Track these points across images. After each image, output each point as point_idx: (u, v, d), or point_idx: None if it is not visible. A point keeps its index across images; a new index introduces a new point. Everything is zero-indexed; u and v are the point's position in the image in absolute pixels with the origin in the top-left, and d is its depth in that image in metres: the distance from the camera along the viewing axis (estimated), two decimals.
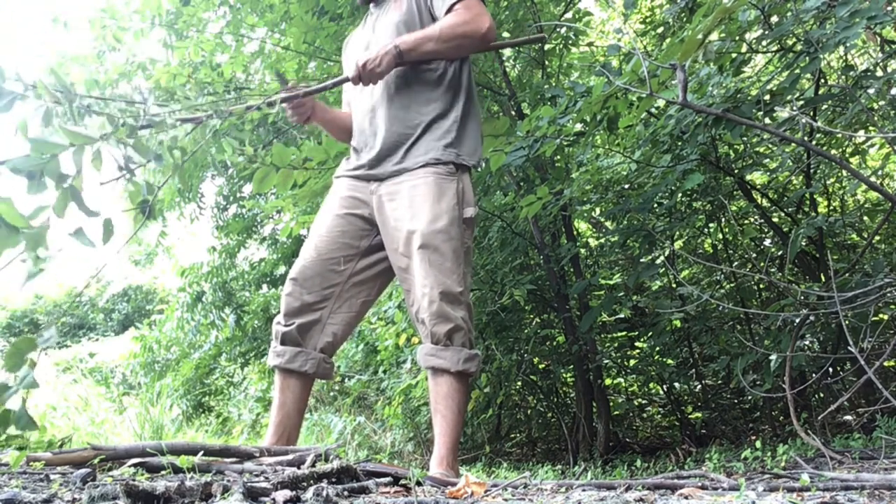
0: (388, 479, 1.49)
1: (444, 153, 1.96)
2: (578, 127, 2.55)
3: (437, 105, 1.99)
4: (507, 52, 4.44)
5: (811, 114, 2.79)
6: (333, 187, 2.14)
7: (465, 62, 2.06)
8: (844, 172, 3.28)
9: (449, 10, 1.94)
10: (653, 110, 3.04)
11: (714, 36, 2.24)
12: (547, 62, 4.23)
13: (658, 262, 3.47)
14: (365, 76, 1.89)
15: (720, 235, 3.67)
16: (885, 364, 3.28)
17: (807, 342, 2.96)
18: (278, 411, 2.01)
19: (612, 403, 4.16)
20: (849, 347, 1.90)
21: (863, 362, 1.81)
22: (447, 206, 1.91)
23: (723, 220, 3.55)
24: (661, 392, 4.34)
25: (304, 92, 1.97)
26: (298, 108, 2.01)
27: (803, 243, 2.73)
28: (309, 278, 1.99)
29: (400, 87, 2.00)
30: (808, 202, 3.30)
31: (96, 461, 1.68)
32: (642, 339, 4.17)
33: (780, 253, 3.39)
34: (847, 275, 2.48)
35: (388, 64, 1.89)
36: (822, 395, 3.29)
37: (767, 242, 3.77)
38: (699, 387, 3.98)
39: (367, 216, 2.03)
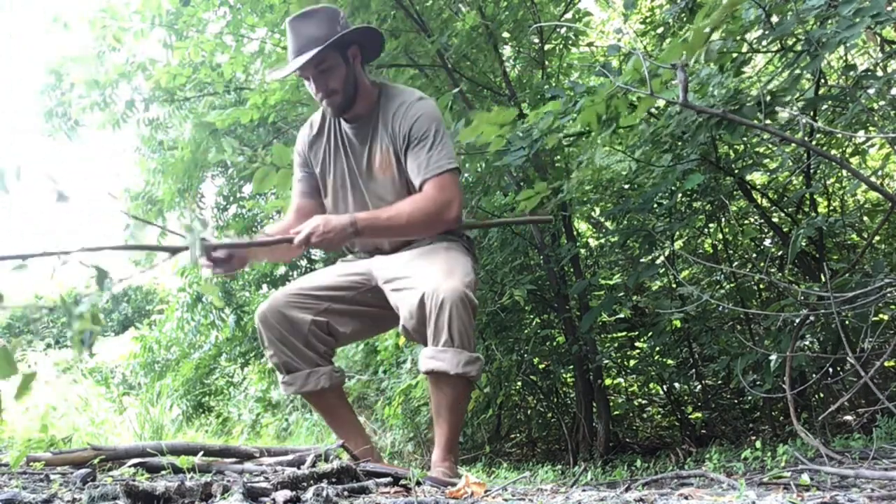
0: (388, 479, 1.50)
1: (451, 235, 2.06)
2: (578, 127, 2.55)
3: None
4: (508, 52, 4.44)
5: (811, 114, 2.78)
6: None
7: None
8: (844, 172, 3.28)
9: (423, 184, 1.93)
10: (653, 110, 3.04)
11: (715, 36, 2.23)
12: (547, 62, 4.23)
13: (658, 262, 3.47)
14: (313, 244, 1.89)
15: (720, 235, 3.67)
16: (886, 364, 3.28)
17: (807, 342, 2.96)
18: (339, 428, 2.12)
19: (612, 403, 4.16)
20: (846, 352, 1.90)
21: (858, 366, 1.81)
22: (463, 258, 1.98)
23: (723, 220, 3.55)
24: (661, 392, 4.34)
25: (244, 244, 1.90)
26: (223, 265, 1.90)
27: (803, 243, 2.73)
28: (274, 322, 2.01)
29: (384, 200, 2.04)
30: (808, 202, 3.30)
31: (96, 461, 1.68)
32: (642, 339, 4.16)
33: (780, 253, 3.38)
34: (847, 275, 2.48)
35: (340, 242, 1.91)
36: (822, 395, 3.29)
37: (767, 242, 3.76)
38: (699, 387, 3.98)
39: (360, 275, 2.08)
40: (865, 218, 3.47)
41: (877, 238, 3.31)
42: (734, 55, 2.55)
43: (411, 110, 1.97)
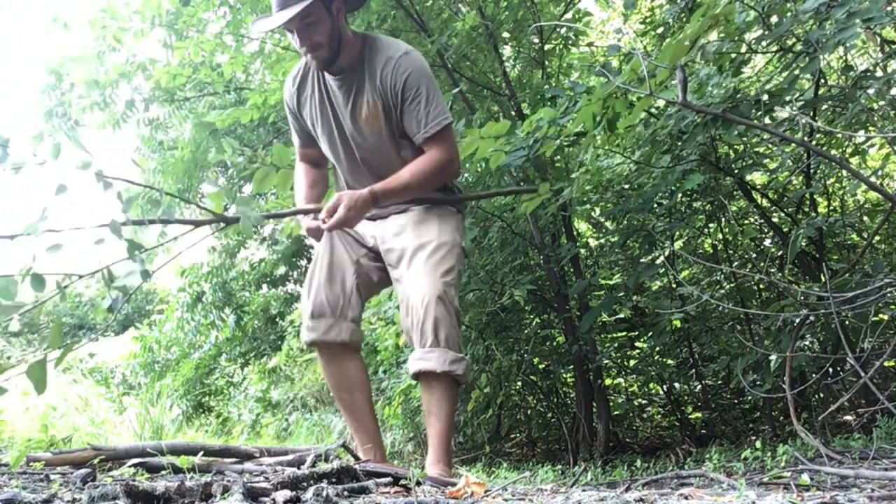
0: (388, 479, 1.50)
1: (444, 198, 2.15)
2: (579, 127, 2.55)
3: None
4: (508, 52, 4.44)
5: (811, 114, 2.78)
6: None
7: None
8: (844, 172, 3.27)
9: (424, 142, 2.00)
10: (652, 110, 3.04)
11: (713, 36, 2.24)
12: (547, 62, 4.23)
13: (658, 262, 3.47)
14: (348, 225, 1.95)
15: (720, 235, 3.67)
16: (886, 364, 3.28)
17: (807, 342, 2.96)
18: (350, 418, 2.14)
19: (612, 403, 4.16)
20: (846, 352, 1.90)
21: (858, 367, 1.81)
22: (450, 228, 2.07)
23: (723, 220, 3.55)
24: (661, 392, 4.34)
25: (288, 213, 2.14)
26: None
27: (803, 243, 2.73)
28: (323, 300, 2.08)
29: (371, 151, 2.09)
30: (808, 202, 3.30)
31: (96, 461, 1.68)
32: (642, 339, 4.16)
33: (780, 253, 3.38)
34: (847, 275, 2.48)
35: (363, 213, 1.96)
36: (822, 395, 3.29)
37: (767, 242, 3.76)
38: (699, 387, 3.98)
39: (366, 245, 2.16)
40: (865, 218, 3.46)
41: (877, 238, 3.30)
42: (733, 56, 2.55)
43: (401, 66, 1.98)
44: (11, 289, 1.35)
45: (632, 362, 4.29)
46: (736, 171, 3.07)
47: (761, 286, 3.50)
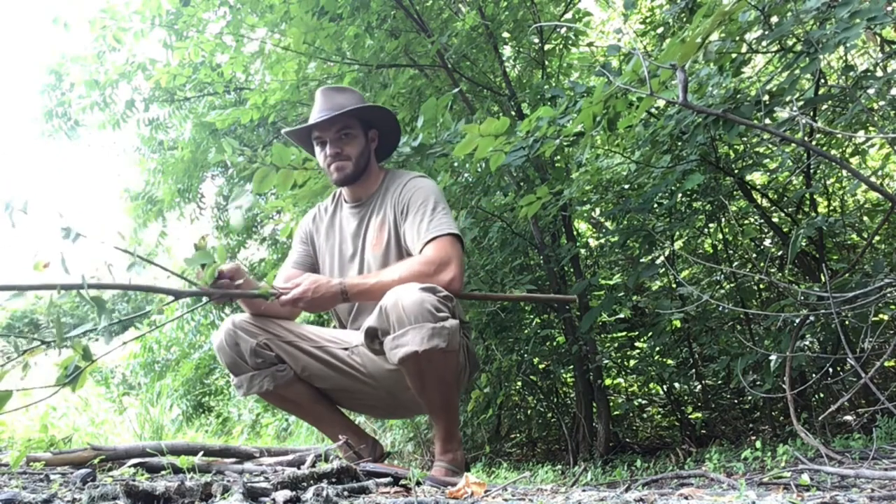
0: (388, 479, 1.50)
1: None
2: (579, 128, 2.55)
3: None
4: (508, 52, 4.44)
5: (811, 114, 2.78)
6: None
7: None
8: (844, 172, 3.28)
9: (422, 248, 1.90)
10: (653, 110, 3.04)
11: (714, 36, 2.24)
12: (547, 62, 4.23)
13: (658, 262, 3.47)
14: (301, 307, 1.86)
15: (720, 235, 3.67)
16: (886, 364, 3.28)
17: (807, 342, 2.96)
18: (324, 425, 2.14)
19: (612, 403, 4.16)
20: (846, 352, 1.90)
21: (858, 367, 1.81)
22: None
23: (723, 220, 3.55)
24: (661, 392, 4.34)
25: (236, 294, 1.90)
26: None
27: (803, 243, 2.73)
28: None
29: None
30: (808, 202, 3.30)
31: (96, 461, 1.68)
32: (642, 339, 4.16)
33: (780, 253, 3.38)
34: (847, 275, 2.48)
35: (329, 305, 1.87)
36: (822, 395, 3.29)
37: (767, 242, 3.76)
38: (699, 387, 3.98)
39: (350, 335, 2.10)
40: (865, 218, 3.46)
41: (877, 238, 3.31)
42: (733, 55, 2.55)
43: (409, 185, 2.03)
44: None
45: (632, 362, 4.29)
46: (736, 171, 3.07)
47: (761, 286, 3.50)
